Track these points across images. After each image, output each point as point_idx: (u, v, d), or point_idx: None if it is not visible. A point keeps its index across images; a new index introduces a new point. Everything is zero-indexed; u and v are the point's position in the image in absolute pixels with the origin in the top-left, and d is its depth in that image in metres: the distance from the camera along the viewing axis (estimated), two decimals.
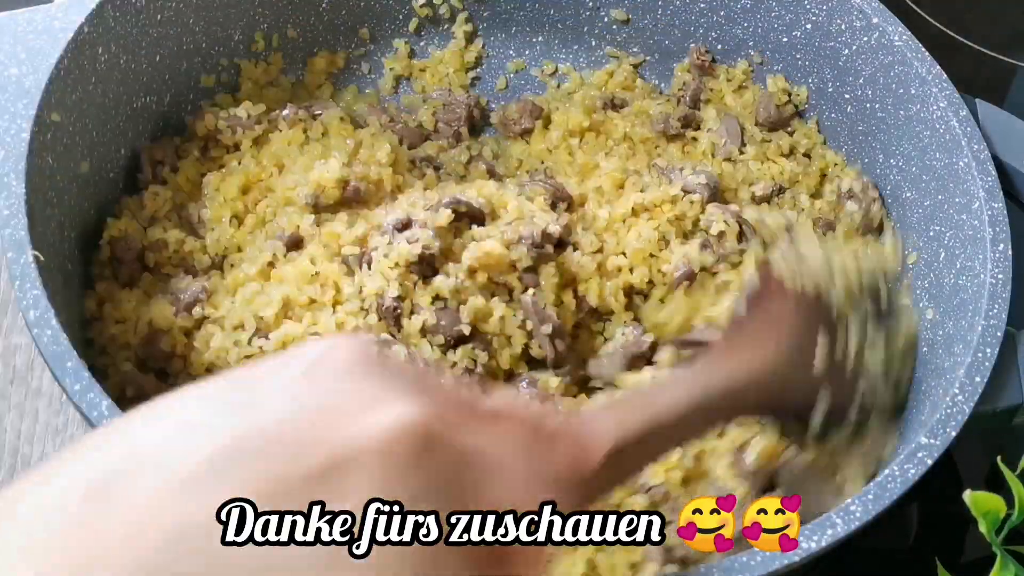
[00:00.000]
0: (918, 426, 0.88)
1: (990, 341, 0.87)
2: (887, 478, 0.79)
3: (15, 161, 0.85)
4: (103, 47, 0.97)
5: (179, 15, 1.05)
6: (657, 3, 1.20)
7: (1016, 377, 0.88)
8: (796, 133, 1.14)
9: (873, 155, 1.09)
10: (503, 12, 1.22)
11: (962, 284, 0.94)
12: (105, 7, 0.96)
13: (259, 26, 1.13)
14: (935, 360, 0.94)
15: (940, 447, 0.81)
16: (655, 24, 1.21)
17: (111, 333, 0.91)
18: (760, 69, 1.17)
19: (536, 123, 1.14)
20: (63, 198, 0.92)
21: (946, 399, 0.84)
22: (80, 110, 0.94)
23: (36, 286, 0.80)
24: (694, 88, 1.16)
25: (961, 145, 0.97)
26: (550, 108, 1.16)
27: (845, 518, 0.77)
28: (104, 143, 0.99)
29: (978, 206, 0.94)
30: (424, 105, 1.16)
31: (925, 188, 1.02)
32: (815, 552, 0.75)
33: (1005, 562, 0.79)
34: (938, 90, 1.00)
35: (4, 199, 0.84)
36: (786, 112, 1.14)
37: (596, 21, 1.22)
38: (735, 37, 1.18)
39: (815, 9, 1.10)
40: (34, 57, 0.91)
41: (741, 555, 0.74)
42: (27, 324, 0.79)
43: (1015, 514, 0.79)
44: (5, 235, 0.83)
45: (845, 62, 1.09)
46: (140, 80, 1.03)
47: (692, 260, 0.98)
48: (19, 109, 0.88)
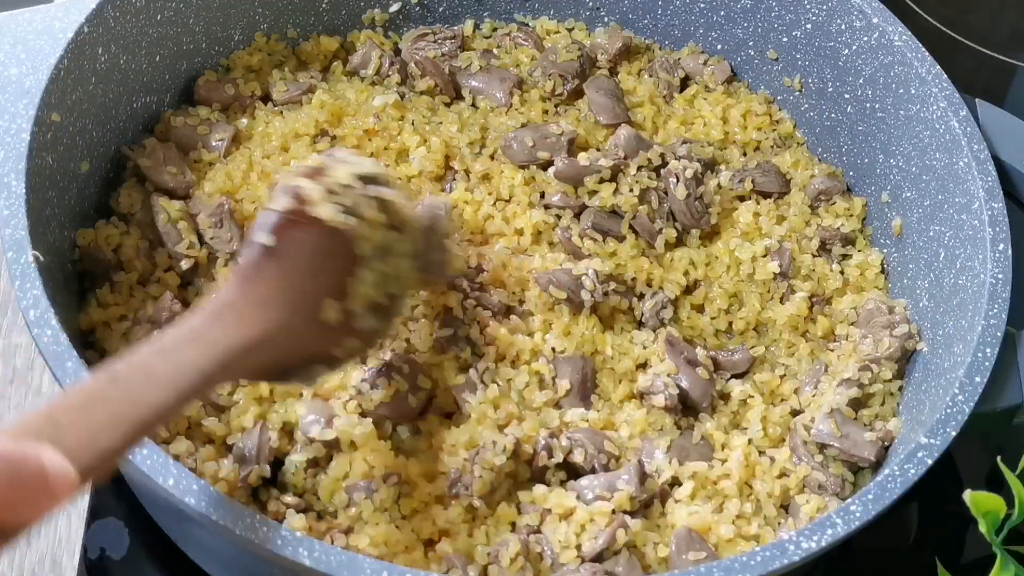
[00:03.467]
0: (918, 426, 0.88)
1: (990, 341, 0.87)
2: (887, 478, 0.79)
3: (15, 161, 0.86)
4: (103, 47, 0.97)
5: (179, 15, 1.05)
6: (657, 3, 1.20)
7: (1016, 377, 0.88)
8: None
9: (873, 155, 1.09)
10: (502, 12, 1.22)
11: (962, 284, 0.94)
12: (105, 7, 0.96)
13: (259, 26, 1.13)
14: (935, 360, 0.94)
15: (940, 447, 0.81)
16: (655, 24, 1.21)
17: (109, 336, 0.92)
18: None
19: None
20: (63, 198, 0.92)
21: (946, 399, 0.84)
22: (80, 110, 0.94)
23: (36, 286, 0.80)
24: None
25: (961, 145, 0.97)
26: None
27: (845, 518, 0.77)
28: (104, 143, 0.99)
29: (978, 206, 0.94)
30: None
31: (925, 188, 1.02)
32: (815, 552, 0.75)
33: (1005, 562, 0.79)
34: (938, 90, 1.00)
35: (4, 199, 0.84)
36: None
37: (596, 21, 1.23)
38: (735, 37, 1.18)
39: (815, 9, 1.10)
40: (34, 57, 0.91)
41: (741, 555, 0.74)
42: (27, 324, 0.79)
43: (1015, 514, 0.79)
44: (5, 235, 0.83)
45: (845, 62, 1.09)
46: (140, 80, 1.03)
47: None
48: (19, 109, 0.88)
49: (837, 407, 0.94)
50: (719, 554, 0.86)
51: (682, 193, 1.04)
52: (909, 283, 1.03)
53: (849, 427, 0.93)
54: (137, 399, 0.66)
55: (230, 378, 0.80)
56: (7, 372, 0.99)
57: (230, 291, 0.75)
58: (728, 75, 1.19)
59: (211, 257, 0.98)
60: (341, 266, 0.80)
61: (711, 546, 0.86)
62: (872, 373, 0.96)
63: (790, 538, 0.76)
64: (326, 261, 0.79)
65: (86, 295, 0.94)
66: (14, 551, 0.89)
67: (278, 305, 0.76)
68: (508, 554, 0.82)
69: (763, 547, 0.75)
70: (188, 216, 0.99)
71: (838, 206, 1.10)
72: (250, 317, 0.74)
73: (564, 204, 1.04)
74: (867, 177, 1.10)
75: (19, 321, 1.01)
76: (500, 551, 0.82)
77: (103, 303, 0.93)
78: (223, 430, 0.88)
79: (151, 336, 0.90)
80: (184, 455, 0.85)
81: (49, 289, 0.81)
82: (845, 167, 1.13)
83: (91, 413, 0.64)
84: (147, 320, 0.91)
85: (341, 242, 0.79)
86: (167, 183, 1.00)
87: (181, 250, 0.97)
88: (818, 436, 0.93)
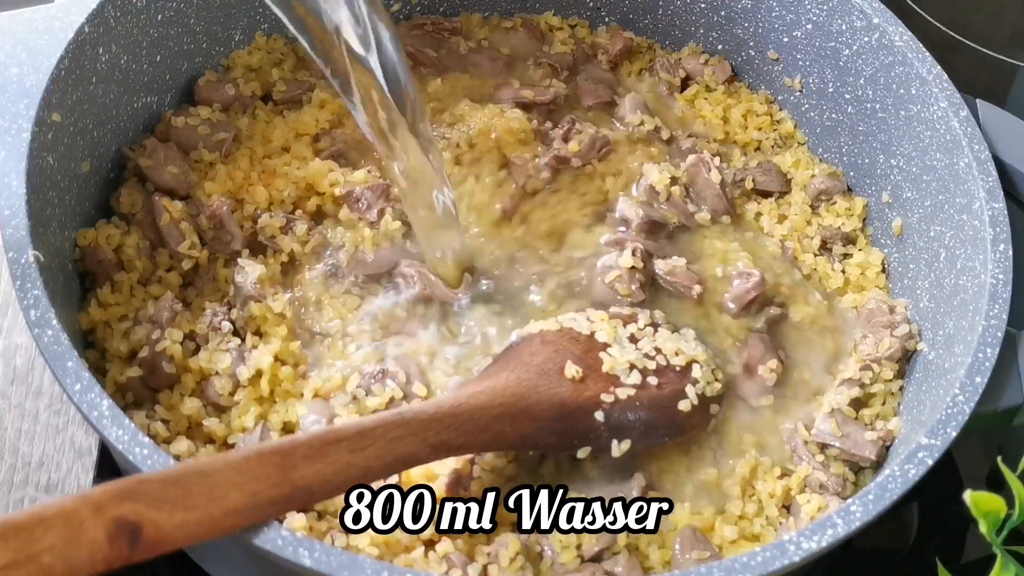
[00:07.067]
0: (918, 426, 0.88)
1: (990, 341, 0.87)
2: (887, 478, 0.79)
3: (15, 161, 0.85)
4: (104, 47, 0.97)
5: (180, 15, 1.05)
6: (657, 3, 1.20)
7: (1016, 377, 0.88)
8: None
9: (873, 155, 1.09)
10: (503, 12, 1.22)
11: (962, 284, 0.94)
12: (106, 7, 0.96)
13: (259, 26, 1.13)
14: (935, 360, 0.94)
15: (940, 447, 0.81)
16: (655, 24, 1.21)
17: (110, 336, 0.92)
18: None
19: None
20: (63, 198, 0.92)
21: (946, 399, 0.84)
22: (81, 110, 0.94)
23: (36, 286, 0.80)
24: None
25: (962, 145, 0.97)
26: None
27: (845, 518, 0.77)
28: (104, 143, 0.99)
29: (979, 206, 0.94)
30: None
31: (926, 188, 1.02)
32: (815, 552, 0.75)
33: (1005, 562, 0.79)
34: (939, 90, 1.00)
35: (4, 199, 0.84)
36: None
37: (596, 21, 1.23)
38: (735, 37, 1.18)
39: (815, 9, 1.10)
40: (35, 57, 0.91)
41: (741, 555, 0.74)
42: (27, 324, 0.79)
43: (1015, 514, 0.79)
44: (5, 235, 0.83)
45: (846, 62, 1.09)
46: (141, 80, 1.03)
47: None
48: (20, 109, 0.88)
49: (838, 407, 0.94)
50: (722, 554, 0.86)
51: (717, 178, 1.05)
52: (910, 283, 1.03)
53: (850, 427, 0.93)
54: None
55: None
56: (7, 372, 0.99)
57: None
58: (729, 75, 1.19)
59: (212, 257, 0.99)
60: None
61: (715, 546, 0.86)
62: (873, 373, 0.96)
63: (790, 538, 0.76)
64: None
65: (86, 295, 0.94)
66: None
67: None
68: (508, 554, 0.82)
69: (764, 547, 0.75)
70: (189, 216, 0.99)
71: (839, 206, 1.10)
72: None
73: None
74: (868, 177, 1.10)
75: (19, 321, 1.01)
76: (500, 551, 0.82)
77: (104, 303, 0.93)
78: (224, 430, 0.88)
79: (151, 336, 0.90)
80: (185, 455, 0.85)
81: (49, 289, 0.81)
82: (846, 167, 1.13)
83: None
84: (147, 320, 0.91)
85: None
86: (168, 183, 1.00)
87: (182, 250, 0.97)
88: (819, 436, 0.93)
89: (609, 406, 0.88)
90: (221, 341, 0.91)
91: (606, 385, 0.89)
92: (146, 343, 0.90)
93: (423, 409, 0.81)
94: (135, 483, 0.68)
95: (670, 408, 0.91)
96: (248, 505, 0.71)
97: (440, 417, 0.81)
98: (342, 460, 0.75)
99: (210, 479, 0.70)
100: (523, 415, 0.85)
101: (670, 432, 0.91)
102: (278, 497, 0.73)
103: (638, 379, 0.90)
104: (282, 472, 0.73)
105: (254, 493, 0.71)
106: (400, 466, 0.79)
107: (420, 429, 0.79)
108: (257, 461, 0.73)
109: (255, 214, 1.00)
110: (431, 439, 0.80)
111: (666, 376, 0.92)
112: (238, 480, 0.71)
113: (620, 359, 0.91)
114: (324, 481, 0.75)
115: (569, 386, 0.88)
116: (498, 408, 0.84)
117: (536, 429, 0.86)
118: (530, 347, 0.92)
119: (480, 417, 0.83)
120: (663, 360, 0.92)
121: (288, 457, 0.74)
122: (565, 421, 0.87)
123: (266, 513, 0.72)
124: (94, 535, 0.65)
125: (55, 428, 0.97)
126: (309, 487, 0.74)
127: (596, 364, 0.90)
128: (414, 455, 0.79)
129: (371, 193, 1.01)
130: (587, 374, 0.89)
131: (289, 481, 0.73)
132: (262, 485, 0.72)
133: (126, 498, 0.67)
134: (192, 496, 0.69)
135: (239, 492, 0.71)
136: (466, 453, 0.85)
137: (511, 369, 0.89)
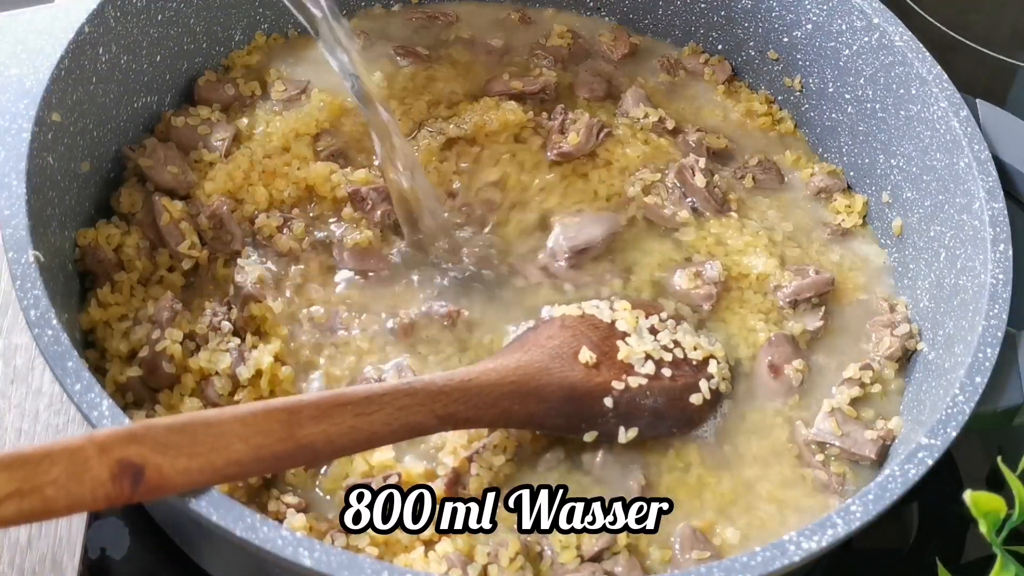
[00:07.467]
0: (918, 426, 0.88)
1: (990, 341, 0.87)
2: (887, 478, 0.79)
3: (15, 161, 0.86)
4: (104, 47, 0.97)
5: (180, 15, 1.05)
6: (658, 3, 1.20)
7: (1016, 377, 0.88)
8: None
9: (873, 155, 1.09)
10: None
11: (962, 284, 0.94)
12: (106, 7, 0.96)
13: (259, 26, 1.13)
14: (935, 360, 0.94)
15: (940, 447, 0.81)
16: (656, 24, 1.21)
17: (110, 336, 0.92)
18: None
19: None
20: (64, 198, 0.92)
21: (946, 399, 0.84)
22: (81, 110, 0.94)
23: (36, 286, 0.80)
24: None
25: (962, 145, 0.97)
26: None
27: (845, 518, 0.77)
28: (104, 143, 0.99)
29: (979, 206, 0.94)
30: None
31: (926, 188, 1.02)
32: (815, 552, 0.75)
33: (1005, 562, 0.79)
34: (939, 90, 1.00)
35: (5, 199, 0.84)
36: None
37: (597, 21, 1.23)
38: (735, 37, 1.18)
39: (815, 9, 1.10)
40: (35, 57, 0.91)
41: (741, 555, 0.74)
42: (27, 324, 0.79)
43: (1015, 514, 0.79)
44: (6, 235, 0.83)
45: (846, 62, 1.09)
46: (141, 80, 1.03)
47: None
48: (20, 109, 0.88)
49: (838, 406, 0.94)
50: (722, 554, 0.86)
51: (702, 182, 1.06)
52: (910, 283, 1.03)
53: (850, 426, 0.93)
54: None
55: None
56: (7, 372, 0.99)
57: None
58: (729, 75, 1.19)
59: (212, 257, 0.99)
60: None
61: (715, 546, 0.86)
62: (873, 372, 0.96)
63: (790, 538, 0.76)
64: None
65: (86, 295, 0.94)
66: (15, 551, 0.89)
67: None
68: (508, 554, 0.82)
69: (763, 547, 0.75)
70: (189, 216, 0.99)
71: (839, 203, 1.10)
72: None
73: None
74: (868, 177, 1.10)
75: (19, 321, 1.01)
76: (500, 551, 0.82)
77: (103, 303, 0.93)
78: None
79: (151, 336, 0.90)
80: None
81: (49, 289, 0.81)
82: (846, 167, 1.13)
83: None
84: (147, 320, 0.91)
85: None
86: (168, 183, 1.00)
87: (182, 250, 0.97)
88: (819, 435, 0.93)
89: (619, 393, 0.89)
90: (221, 341, 0.91)
91: (619, 373, 0.90)
92: (146, 343, 0.90)
93: (432, 381, 0.82)
94: (142, 428, 0.70)
95: (681, 400, 0.91)
96: (251, 457, 0.72)
97: (449, 390, 0.82)
98: (347, 423, 0.76)
99: (216, 429, 0.72)
100: (532, 395, 0.87)
101: (679, 424, 0.92)
102: (281, 452, 0.74)
103: (652, 369, 0.91)
104: (287, 428, 0.74)
105: (258, 446, 0.73)
106: (406, 434, 0.80)
107: (428, 400, 0.80)
108: (264, 416, 0.74)
109: (255, 214, 1.00)
110: (439, 410, 0.81)
111: (681, 369, 0.93)
112: (243, 432, 0.72)
113: (636, 348, 0.92)
114: (328, 441, 0.76)
115: (582, 370, 0.89)
116: (508, 386, 0.85)
117: (544, 410, 0.87)
118: (549, 330, 0.93)
119: (489, 393, 0.84)
120: (680, 353, 0.93)
121: (295, 415, 0.75)
122: (574, 404, 0.88)
123: (268, 467, 0.74)
124: (97, 473, 0.67)
125: (55, 428, 0.97)
126: (313, 446, 0.75)
127: (612, 351, 0.91)
128: (421, 424, 0.80)
129: (376, 194, 1.02)
130: (601, 360, 0.90)
131: (294, 438, 0.74)
132: (267, 439, 0.73)
133: (132, 441, 0.68)
134: (197, 444, 0.71)
135: (243, 444, 0.72)
136: (473, 427, 0.86)
137: (526, 350, 0.90)
